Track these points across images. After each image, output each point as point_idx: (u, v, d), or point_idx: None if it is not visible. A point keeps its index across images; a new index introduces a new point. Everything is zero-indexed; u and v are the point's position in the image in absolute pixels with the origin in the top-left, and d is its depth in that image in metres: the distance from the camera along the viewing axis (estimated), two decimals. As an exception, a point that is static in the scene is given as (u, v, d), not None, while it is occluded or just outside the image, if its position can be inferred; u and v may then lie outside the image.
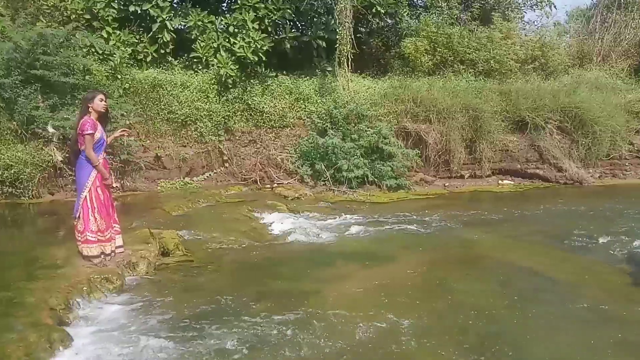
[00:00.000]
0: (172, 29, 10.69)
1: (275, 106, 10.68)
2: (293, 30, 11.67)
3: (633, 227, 7.42)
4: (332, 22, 11.52)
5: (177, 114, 10.10)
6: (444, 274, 5.66)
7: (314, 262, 6.04)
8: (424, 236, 7.19)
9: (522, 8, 15.20)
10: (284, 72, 11.41)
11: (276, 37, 11.33)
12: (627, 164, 11.95)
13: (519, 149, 11.42)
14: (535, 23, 15.67)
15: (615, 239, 6.79)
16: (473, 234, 7.28)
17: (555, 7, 14.63)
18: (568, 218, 8.28)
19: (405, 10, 12.77)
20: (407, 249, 6.57)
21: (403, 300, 4.81)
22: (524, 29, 15.22)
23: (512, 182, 11.29)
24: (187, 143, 10.31)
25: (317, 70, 11.75)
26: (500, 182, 11.29)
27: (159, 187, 9.78)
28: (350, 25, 10.91)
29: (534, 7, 15.04)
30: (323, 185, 10.07)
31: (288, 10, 11.05)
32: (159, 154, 9.97)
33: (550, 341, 4.01)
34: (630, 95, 12.53)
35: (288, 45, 11.35)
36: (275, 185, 10.12)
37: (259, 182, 10.30)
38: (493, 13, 13.45)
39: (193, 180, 10.15)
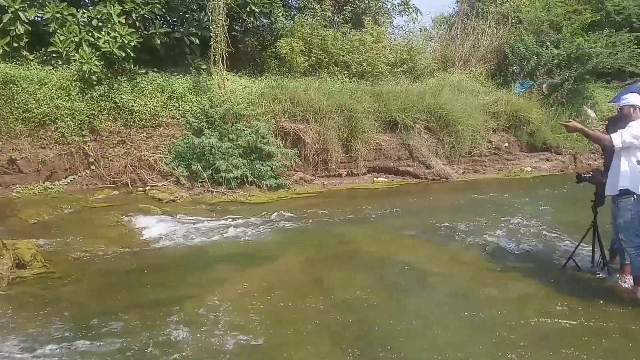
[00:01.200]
0: (26, 20, 9.86)
1: (146, 105, 10.30)
2: (164, 26, 11.33)
3: (493, 217, 8.20)
4: (205, 19, 11.39)
5: (34, 112, 9.36)
6: (322, 271, 5.84)
7: (190, 267, 5.94)
8: (303, 235, 7.37)
9: (391, 13, 16.17)
10: (155, 70, 11.04)
11: (145, 32, 10.93)
12: (486, 160, 13.21)
13: (391, 148, 12.12)
14: (403, 28, 16.78)
15: (478, 229, 7.47)
16: (350, 230, 7.60)
17: (420, 13, 15.74)
18: (436, 211, 8.91)
19: (279, 10, 12.97)
20: (287, 248, 6.69)
21: (282, 300, 4.87)
22: (393, 34, 16.22)
23: (386, 180, 11.94)
24: (47, 144, 9.59)
25: (191, 68, 11.53)
26: (375, 179, 11.88)
27: (14, 193, 9.00)
28: (224, 23, 10.85)
29: (402, 12, 16.05)
30: (200, 186, 9.91)
31: (157, 5, 10.73)
32: (13, 157, 9.16)
33: (424, 332, 4.25)
34: (488, 97, 13.91)
35: (158, 42, 10.99)
36: (149, 187, 9.76)
37: (130, 185, 9.87)
38: (364, 17, 14.15)
39: (55, 185, 9.46)
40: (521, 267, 5.84)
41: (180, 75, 11.14)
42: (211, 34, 10.82)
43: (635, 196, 4.67)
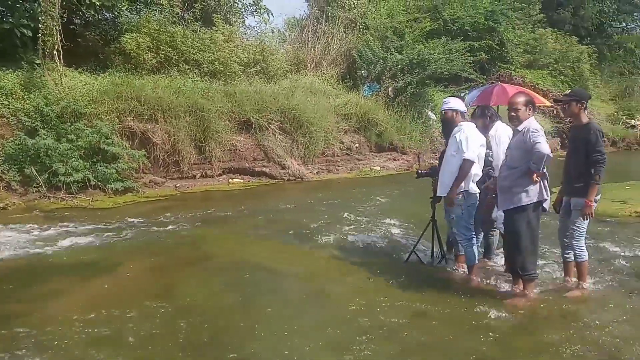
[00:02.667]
0: None
1: (-32, 102, 9.32)
2: (-11, 15, 10.33)
3: (344, 215, 8.56)
4: (39, 9, 10.57)
5: None
6: (172, 277, 5.71)
7: (22, 281, 5.47)
8: (153, 240, 7.12)
9: (243, 13, 16.33)
10: (-21, 64, 10.01)
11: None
12: (338, 160, 13.90)
13: (246, 149, 12.25)
14: (256, 29, 17.01)
15: (329, 227, 7.74)
16: (204, 234, 7.54)
17: (272, 14, 16.11)
18: (292, 211, 9.17)
19: (123, 4, 12.46)
20: (134, 255, 6.41)
21: (126, 309, 4.63)
22: (246, 34, 16.38)
23: (242, 181, 12.04)
24: None
25: (23, 63, 10.61)
26: (230, 180, 11.92)
27: None
28: (58, 15, 10.17)
29: (254, 13, 16.28)
30: (36, 192, 9.17)
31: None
32: None
33: (273, 333, 4.24)
34: (339, 100, 14.65)
35: (-17, 32, 10.00)
36: (-28, 195, 8.82)
37: (-52, 193, 8.84)
38: (214, 15, 14.14)
39: None
40: (368, 262, 6.05)
41: (11, 70, 10.22)
42: (40, 26, 10.05)
43: (464, 193, 5.20)
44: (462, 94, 6.91)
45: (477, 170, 5.22)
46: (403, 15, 17.95)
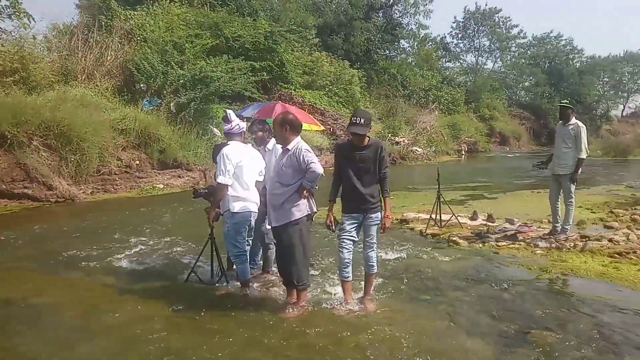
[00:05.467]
0: None
1: None
2: None
3: (120, 238, 8.04)
4: None
5: None
6: None
7: None
8: None
9: (-1, 17, 14.38)
10: None
11: None
12: (117, 178, 13.03)
13: (3, 168, 10.75)
14: (13, 33, 15.07)
15: (103, 252, 7.16)
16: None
17: (34, 19, 14.48)
18: (59, 238, 8.25)
19: None
20: None
21: None
22: (1, 39, 14.46)
23: (-2, 205, 10.51)
24: None
25: None
26: (-19, 205, 10.32)
27: None
28: None
29: (12, 16, 14.45)
30: None
31: None
32: None
33: None
34: (115, 114, 13.73)
35: None
36: None
37: None
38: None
39: None
40: (145, 286, 5.77)
41: None
42: None
43: (227, 212, 5.31)
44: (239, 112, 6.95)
45: (238, 192, 5.29)
46: (183, 29, 17.71)
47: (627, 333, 4.43)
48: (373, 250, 5.04)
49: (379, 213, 4.96)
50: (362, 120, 4.74)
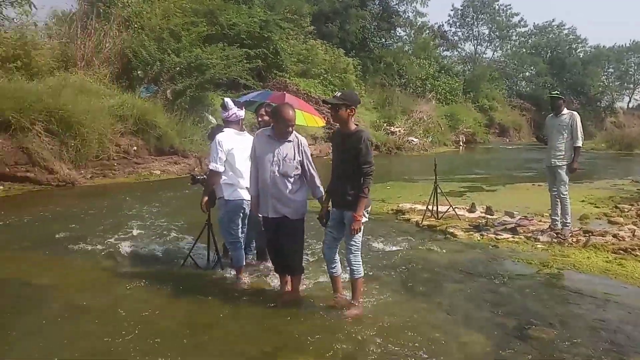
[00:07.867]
0: None
1: None
2: None
3: (119, 222, 8.35)
4: None
5: None
6: None
7: None
8: None
9: (1, 4, 14.96)
10: None
11: None
12: (115, 164, 13.65)
13: (6, 152, 11.40)
14: (15, 20, 15.69)
15: (101, 235, 7.42)
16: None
17: (35, 6, 15.07)
18: (60, 220, 8.54)
19: None
20: None
21: None
22: (3, 26, 15.08)
23: (2, 187, 11.19)
24: None
25: None
26: (-14, 187, 11.00)
27: None
28: None
29: (14, 4, 15.02)
30: None
31: None
32: None
33: (34, 351, 4.04)
34: (113, 100, 14.38)
35: None
36: None
37: None
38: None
39: None
40: (142, 270, 5.97)
41: None
42: None
43: (221, 198, 5.42)
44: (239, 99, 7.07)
45: (231, 180, 5.38)
46: (179, 17, 18.30)
47: (633, 332, 4.37)
48: (352, 253, 4.63)
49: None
50: (338, 94, 4.59)
